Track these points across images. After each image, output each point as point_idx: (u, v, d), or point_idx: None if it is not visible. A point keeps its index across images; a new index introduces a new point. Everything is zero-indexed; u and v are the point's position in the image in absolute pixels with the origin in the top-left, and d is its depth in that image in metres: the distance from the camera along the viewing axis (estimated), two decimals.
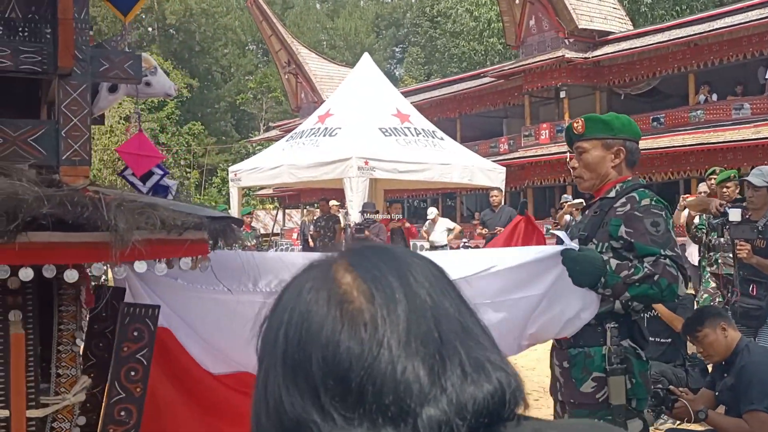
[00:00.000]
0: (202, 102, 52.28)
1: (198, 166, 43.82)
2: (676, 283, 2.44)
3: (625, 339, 2.64)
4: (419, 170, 11.95)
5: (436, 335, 0.72)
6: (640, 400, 2.66)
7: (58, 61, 1.93)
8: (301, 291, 0.75)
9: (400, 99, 13.43)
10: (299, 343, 0.72)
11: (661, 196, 2.73)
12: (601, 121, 2.80)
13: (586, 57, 21.70)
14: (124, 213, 1.70)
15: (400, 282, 0.74)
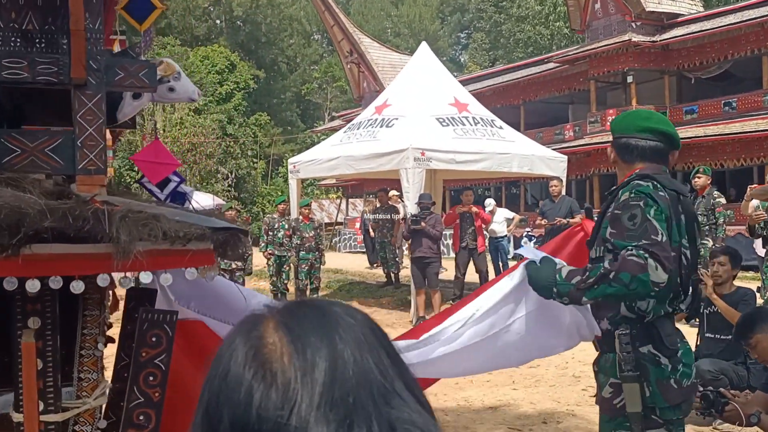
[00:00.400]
0: (268, 93, 52.95)
1: (264, 156, 44.41)
2: (644, 272, 2.36)
3: (645, 345, 2.59)
4: (477, 160, 11.81)
5: (351, 400, 0.71)
6: (662, 409, 2.58)
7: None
8: (228, 347, 0.76)
9: (458, 88, 13.28)
10: (218, 398, 0.72)
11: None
12: (612, 123, 2.98)
13: (653, 40, 21.04)
14: (127, 225, 1.71)
15: (325, 343, 0.74)
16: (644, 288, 2.37)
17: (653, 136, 2.77)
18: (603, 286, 2.39)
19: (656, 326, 2.61)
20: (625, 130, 2.84)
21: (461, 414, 6.06)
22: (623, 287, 2.36)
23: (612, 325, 2.62)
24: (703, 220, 9.41)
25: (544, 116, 26.58)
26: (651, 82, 22.06)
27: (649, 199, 2.54)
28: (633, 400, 2.53)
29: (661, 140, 2.76)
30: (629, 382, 2.54)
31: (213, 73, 43.35)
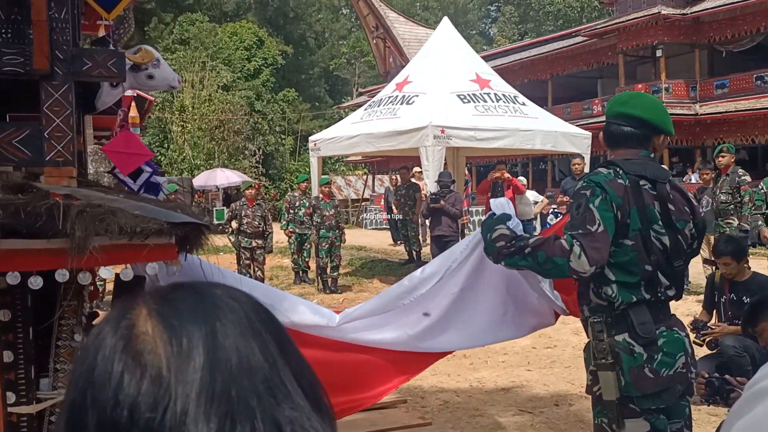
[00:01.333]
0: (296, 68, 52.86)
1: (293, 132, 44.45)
2: (563, 257, 2.38)
3: (621, 333, 2.57)
4: (498, 137, 11.69)
5: (233, 394, 0.65)
6: (639, 398, 2.55)
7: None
8: (100, 333, 0.69)
9: (480, 64, 13.12)
10: (83, 399, 0.66)
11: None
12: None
13: (684, 13, 20.56)
14: (84, 220, 1.69)
15: (204, 332, 0.67)
16: (558, 271, 2.43)
17: (628, 121, 2.70)
18: (517, 258, 2.46)
19: (629, 314, 2.58)
20: (608, 114, 2.80)
21: (473, 395, 6.04)
22: (536, 264, 2.43)
23: (589, 312, 2.62)
24: (728, 198, 9.20)
25: (572, 91, 26.20)
26: (681, 55, 21.61)
27: (596, 188, 2.50)
28: (608, 389, 2.53)
29: (635, 125, 2.69)
30: (603, 370, 2.54)
31: (241, 49, 43.36)
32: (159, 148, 35.77)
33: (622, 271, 2.55)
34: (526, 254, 2.43)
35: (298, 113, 45.94)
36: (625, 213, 2.50)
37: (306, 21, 55.69)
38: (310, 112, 48.26)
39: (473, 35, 58.10)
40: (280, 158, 42.66)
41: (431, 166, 11.21)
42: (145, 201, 2.01)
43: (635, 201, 2.53)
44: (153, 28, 43.53)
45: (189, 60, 37.02)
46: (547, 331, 8.50)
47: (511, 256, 2.46)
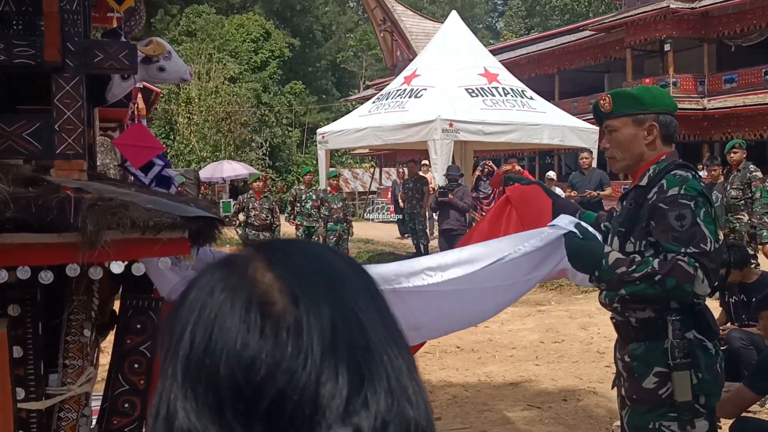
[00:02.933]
0: (303, 61, 52.78)
1: (299, 124, 44.44)
2: (690, 282, 2.22)
3: (690, 330, 2.45)
4: (506, 131, 11.65)
5: (364, 343, 0.63)
6: (708, 396, 2.46)
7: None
8: (213, 288, 0.65)
9: (488, 58, 13.07)
10: (207, 346, 0.63)
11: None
12: (629, 96, 2.58)
13: (692, 7, 20.45)
14: (95, 214, 1.67)
15: (326, 285, 0.65)
16: (683, 297, 2.27)
17: (672, 115, 2.62)
18: (644, 286, 2.25)
19: (700, 310, 2.50)
20: (670, 106, 2.63)
21: (481, 390, 6.02)
22: (664, 292, 2.24)
23: (656, 312, 2.46)
24: (738, 194, 9.16)
25: (579, 85, 26.11)
26: (689, 50, 21.50)
27: (700, 198, 2.38)
28: (683, 389, 2.38)
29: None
30: (681, 370, 2.39)
31: (248, 42, 43.33)
32: (165, 139, 35.79)
33: None
34: (656, 282, 2.25)
35: (305, 106, 45.91)
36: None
37: (313, 13, 55.58)
38: (317, 104, 48.22)
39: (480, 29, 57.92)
40: (286, 150, 42.66)
41: (439, 160, 11.19)
42: (157, 195, 1.99)
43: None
44: (159, 20, 43.52)
45: (195, 52, 37.01)
46: (555, 325, 8.51)
47: (637, 282, 2.26)
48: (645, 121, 2.52)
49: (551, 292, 11.01)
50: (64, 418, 2.15)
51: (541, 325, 8.53)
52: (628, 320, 2.55)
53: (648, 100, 2.54)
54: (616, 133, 2.57)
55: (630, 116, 2.53)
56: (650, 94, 2.60)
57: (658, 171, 2.49)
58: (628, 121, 2.53)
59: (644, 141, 2.53)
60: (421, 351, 7.30)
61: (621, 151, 2.58)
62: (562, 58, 25.77)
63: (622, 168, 2.68)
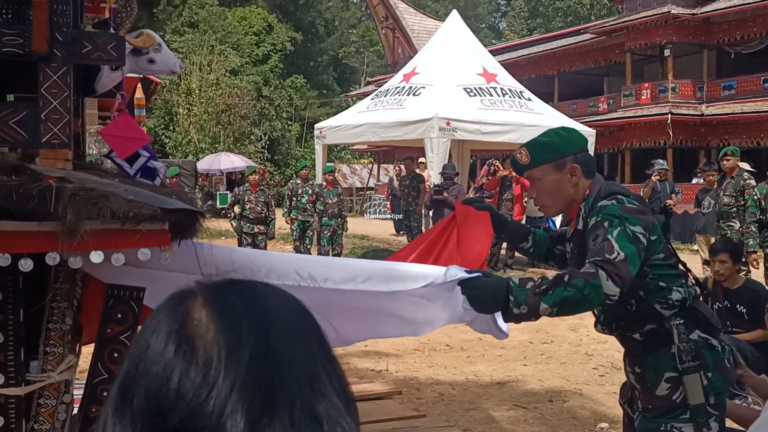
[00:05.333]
0: (305, 55, 52.72)
1: (299, 119, 44.41)
2: (595, 278, 2.20)
3: (694, 331, 2.47)
4: (503, 132, 11.68)
5: (275, 382, 0.69)
6: (718, 395, 2.48)
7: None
8: (153, 320, 0.74)
9: (487, 58, 13.09)
10: (136, 372, 0.70)
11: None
12: (544, 145, 2.59)
13: (693, 13, 20.47)
14: (76, 203, 1.69)
15: (253, 324, 0.72)
16: (597, 295, 2.20)
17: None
18: (560, 289, 2.18)
19: (697, 308, 2.52)
20: (582, 143, 2.68)
21: (468, 389, 6.05)
22: (579, 291, 2.18)
23: (657, 323, 2.49)
24: (731, 201, 9.19)
25: (578, 88, 26.13)
26: (689, 55, 21.52)
27: (617, 219, 2.43)
28: (695, 392, 2.41)
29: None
30: (691, 373, 2.41)
31: (250, 35, 43.28)
32: (164, 130, 35.77)
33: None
34: (566, 283, 2.20)
35: (305, 100, 45.86)
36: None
37: (316, 8, 55.51)
38: (317, 99, 48.18)
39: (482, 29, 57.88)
40: (286, 144, 42.63)
41: (436, 158, 11.22)
42: (141, 186, 2.00)
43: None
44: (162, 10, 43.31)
45: (197, 43, 36.97)
46: (545, 326, 8.54)
47: (550, 291, 2.20)
48: (565, 165, 2.54)
49: None
50: (43, 405, 2.17)
51: (531, 326, 8.56)
52: (632, 337, 2.57)
53: (561, 145, 2.57)
54: (540, 182, 2.58)
55: (549, 163, 2.55)
56: (561, 138, 2.62)
57: (588, 208, 2.52)
58: (549, 168, 2.55)
59: (570, 183, 2.55)
60: (411, 348, 7.36)
61: (550, 197, 2.60)
62: (563, 60, 25.78)
63: (556, 213, 2.70)
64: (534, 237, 2.82)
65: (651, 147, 21.78)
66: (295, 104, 44.65)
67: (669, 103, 20.69)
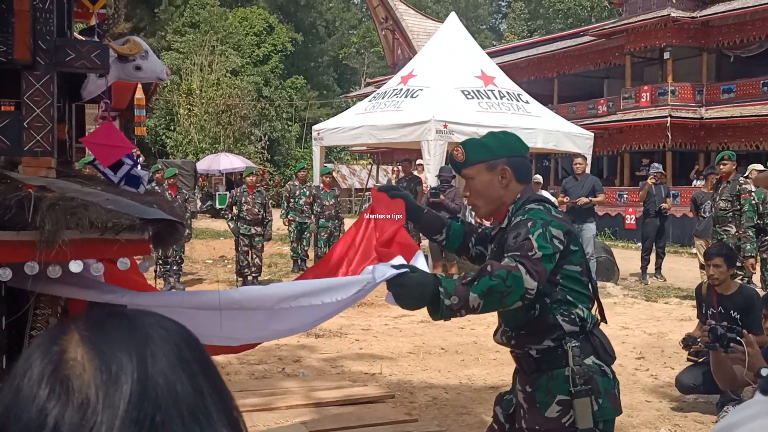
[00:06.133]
0: (305, 56, 52.75)
1: (300, 119, 44.41)
2: (516, 272, 2.20)
3: (589, 357, 2.48)
4: None
5: (158, 419, 0.67)
6: (606, 422, 2.50)
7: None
8: (25, 362, 0.70)
9: (485, 60, 13.08)
10: (7, 421, 0.67)
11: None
12: (480, 145, 2.65)
13: (693, 16, 20.46)
14: (55, 213, 1.69)
15: (133, 361, 0.69)
16: (518, 286, 2.21)
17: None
18: (484, 279, 2.17)
19: (596, 335, 2.54)
20: (519, 149, 2.71)
21: (462, 393, 6.04)
22: (502, 282, 2.18)
23: (555, 342, 2.50)
24: (727, 206, 9.19)
25: (578, 90, 26.13)
26: (689, 59, 21.51)
27: (540, 221, 2.47)
28: (585, 416, 2.41)
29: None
30: (581, 397, 2.42)
31: (251, 35, 43.30)
32: (165, 130, 35.80)
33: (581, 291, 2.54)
34: (490, 273, 2.20)
35: (305, 101, 45.88)
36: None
37: (317, 9, 55.55)
38: (317, 100, 48.19)
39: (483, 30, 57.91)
40: (286, 145, 42.64)
41: (433, 161, 11.21)
42: (123, 194, 2.01)
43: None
44: (163, 11, 43.45)
45: (198, 43, 37.00)
46: None
47: (475, 282, 2.18)
48: (497, 166, 2.58)
49: None
50: None
51: None
52: (528, 353, 2.55)
53: (496, 146, 2.61)
54: (472, 181, 2.63)
55: (483, 163, 2.59)
56: (498, 140, 2.66)
57: (515, 210, 2.56)
58: (481, 168, 2.59)
59: (500, 185, 2.59)
60: (405, 352, 7.36)
61: (481, 198, 2.64)
62: (562, 63, 25.78)
63: (486, 214, 2.71)
64: (448, 230, 2.82)
65: (650, 150, 21.78)
66: (296, 105, 44.66)
67: (668, 106, 20.68)
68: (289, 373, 6.47)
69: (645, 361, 7.13)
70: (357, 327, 8.59)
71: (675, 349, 7.02)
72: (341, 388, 5.75)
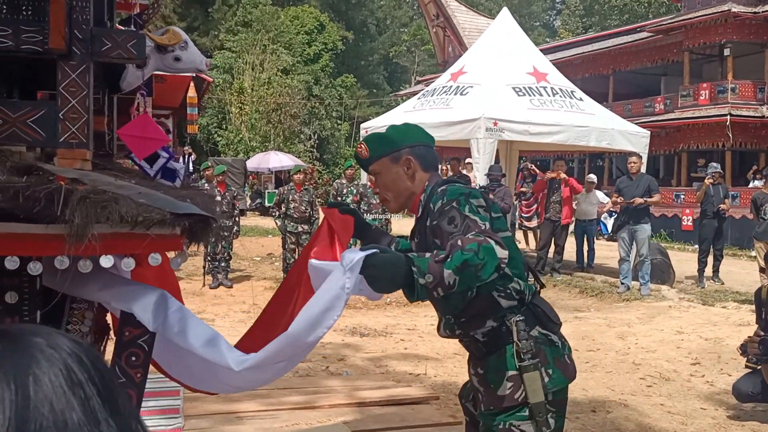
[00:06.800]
0: (356, 54, 52.90)
1: (349, 118, 44.58)
2: (487, 243, 2.10)
3: (534, 328, 2.47)
4: (552, 132, 11.44)
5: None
6: (557, 392, 2.44)
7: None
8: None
9: (538, 56, 12.84)
10: None
11: None
12: (381, 138, 2.64)
13: (755, 12, 19.79)
14: (85, 206, 1.64)
15: (14, 388, 0.63)
16: (492, 257, 2.11)
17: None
18: (457, 254, 2.07)
19: (537, 304, 2.51)
20: (421, 138, 2.69)
21: None
22: (475, 255, 2.09)
23: (497, 321, 2.48)
24: None
25: (634, 87, 25.56)
26: (750, 55, 20.83)
27: (461, 197, 2.42)
28: (535, 389, 2.39)
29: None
30: (530, 371, 2.40)
31: (302, 34, 43.61)
32: (217, 128, 36.30)
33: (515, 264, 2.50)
34: (462, 248, 2.11)
35: (355, 99, 46.00)
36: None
37: (368, 7, 55.65)
38: (367, 98, 48.28)
39: (536, 27, 57.22)
40: (335, 143, 42.83)
41: (482, 159, 11.05)
42: (158, 188, 1.95)
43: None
44: (216, 10, 44.07)
45: (250, 42, 37.40)
46: (591, 333, 8.32)
47: (448, 258, 2.09)
48: (400, 157, 2.58)
49: (591, 299, 10.79)
50: None
51: (576, 332, 8.36)
52: (474, 338, 2.54)
53: (397, 137, 2.61)
54: (379, 176, 2.62)
55: (386, 156, 2.58)
56: (398, 131, 2.66)
57: (427, 198, 2.53)
58: (386, 162, 2.59)
59: (405, 176, 2.58)
60: (450, 352, 7.24)
61: (390, 192, 2.61)
62: (618, 59, 25.24)
63: (398, 207, 2.66)
64: (396, 247, 2.77)
65: (709, 149, 21.17)
66: (345, 103, 44.81)
67: (728, 104, 20.07)
68: (333, 371, 6.41)
69: (701, 367, 6.89)
70: (402, 326, 8.50)
71: (732, 355, 6.76)
72: (385, 388, 5.66)
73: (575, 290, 11.31)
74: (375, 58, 54.87)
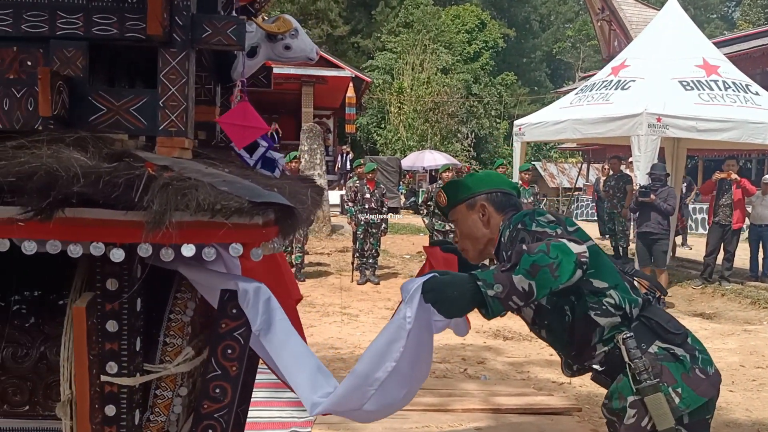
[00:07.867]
0: (517, 52, 52.08)
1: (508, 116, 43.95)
2: (557, 242, 1.99)
3: (651, 344, 2.23)
4: (723, 129, 10.57)
5: None
6: (693, 412, 2.16)
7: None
8: None
9: (709, 48, 11.92)
10: None
11: None
12: (458, 185, 2.63)
13: None
14: (166, 193, 1.60)
15: None
16: (566, 254, 1.95)
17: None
18: (524, 258, 1.95)
19: (649, 317, 2.27)
20: (496, 184, 2.64)
21: None
22: (544, 254, 1.95)
23: (606, 345, 2.26)
24: None
25: None
26: None
27: (520, 224, 2.37)
28: (662, 414, 2.13)
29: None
30: (651, 394, 2.15)
31: (463, 32, 43.49)
32: (376, 128, 36.98)
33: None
34: (528, 251, 1.99)
35: (515, 97, 45.23)
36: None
37: (531, 3, 54.60)
38: (527, 96, 47.35)
39: (713, 19, 53.64)
40: (493, 142, 42.38)
41: (643, 157, 10.40)
42: (249, 177, 1.89)
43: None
44: (379, 12, 44.87)
45: (411, 43, 37.78)
46: (761, 348, 7.58)
47: (516, 266, 1.97)
48: (476, 204, 2.55)
49: (764, 311, 9.87)
50: (159, 396, 2.14)
51: (744, 347, 7.66)
52: (594, 369, 2.37)
53: (473, 184, 2.59)
54: (458, 224, 2.59)
55: (462, 203, 2.57)
56: (475, 178, 2.63)
57: (499, 235, 2.47)
58: (462, 209, 2.58)
59: (481, 222, 2.54)
60: None
61: (467, 240, 2.56)
62: None
63: (477, 256, 2.58)
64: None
65: None
66: (505, 102, 44.16)
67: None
68: (471, 374, 6.23)
69: None
70: None
71: None
72: (524, 396, 5.42)
73: (746, 300, 10.41)
74: (537, 55, 53.72)
